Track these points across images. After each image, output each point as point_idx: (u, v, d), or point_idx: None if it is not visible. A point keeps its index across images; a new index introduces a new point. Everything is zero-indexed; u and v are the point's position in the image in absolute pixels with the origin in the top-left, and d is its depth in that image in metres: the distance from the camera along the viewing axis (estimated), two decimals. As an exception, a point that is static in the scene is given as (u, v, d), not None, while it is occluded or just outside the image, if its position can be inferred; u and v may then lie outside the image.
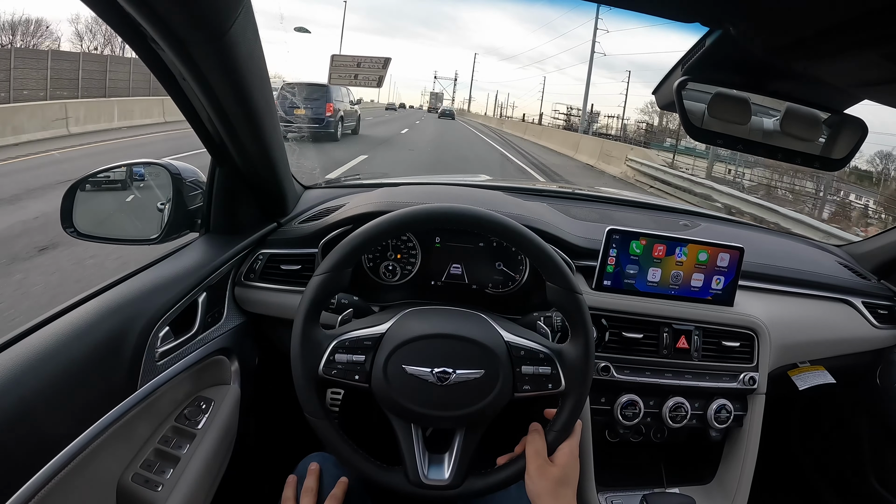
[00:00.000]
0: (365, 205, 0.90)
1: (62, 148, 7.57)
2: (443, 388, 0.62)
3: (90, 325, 0.64)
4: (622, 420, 0.88)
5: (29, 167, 6.14)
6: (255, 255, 0.90)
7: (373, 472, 0.64)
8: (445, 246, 0.91)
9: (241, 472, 0.85)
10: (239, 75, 0.60)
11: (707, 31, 0.67)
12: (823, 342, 1.06)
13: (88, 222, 0.86)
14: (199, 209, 0.88)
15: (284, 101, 8.29)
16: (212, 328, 0.82)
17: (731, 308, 0.93)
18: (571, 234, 0.95)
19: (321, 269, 0.63)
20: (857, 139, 0.76)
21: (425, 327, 0.65)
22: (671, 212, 1.25)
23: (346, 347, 0.63)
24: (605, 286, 0.89)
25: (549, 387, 0.64)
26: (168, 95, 0.66)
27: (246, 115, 0.68)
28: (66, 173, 5.24)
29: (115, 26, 0.54)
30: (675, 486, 0.95)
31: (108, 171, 0.88)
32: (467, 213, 0.65)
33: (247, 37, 0.57)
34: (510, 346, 0.65)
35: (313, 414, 0.63)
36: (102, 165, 0.87)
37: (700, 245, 0.90)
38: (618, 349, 0.88)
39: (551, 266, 0.65)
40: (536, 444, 0.64)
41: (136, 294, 0.70)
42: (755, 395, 0.93)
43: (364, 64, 1.56)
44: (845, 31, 0.54)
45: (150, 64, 0.60)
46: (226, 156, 0.78)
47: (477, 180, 1.29)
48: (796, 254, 1.18)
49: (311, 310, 0.63)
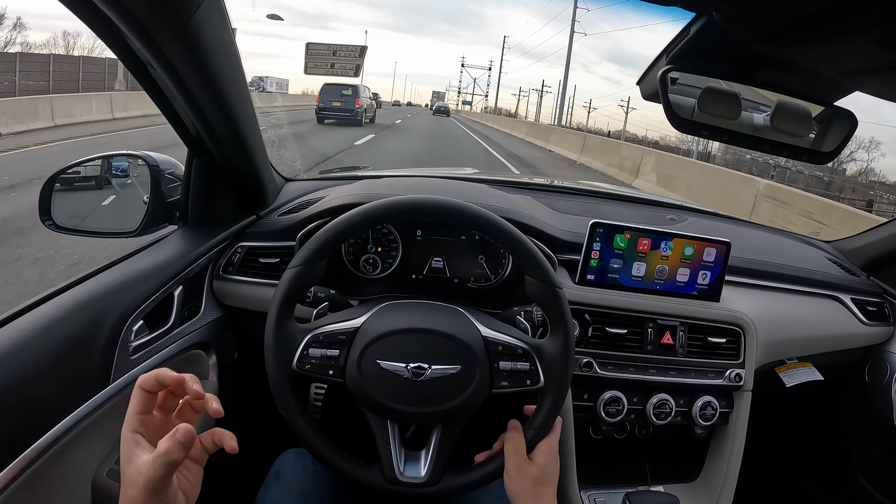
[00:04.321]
0: (343, 196, 0.89)
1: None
2: (418, 383, 0.60)
3: (61, 319, 0.62)
4: (605, 417, 0.87)
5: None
6: (233, 248, 0.89)
7: (348, 468, 0.63)
8: (427, 239, 0.90)
9: (218, 467, 0.85)
10: (207, 62, 0.59)
11: (692, 18, 0.65)
12: (811, 339, 1.05)
13: (66, 214, 0.85)
14: (177, 201, 0.86)
15: (325, 94, 12.41)
16: (189, 322, 0.81)
17: (718, 304, 0.92)
18: (555, 227, 0.94)
19: (294, 261, 0.62)
20: (846, 132, 0.75)
21: (401, 321, 0.63)
22: (658, 206, 1.24)
23: (319, 342, 0.62)
24: (588, 280, 0.88)
25: (527, 383, 0.63)
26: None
27: (218, 104, 0.67)
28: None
29: (79, 14, 0.52)
30: (659, 484, 0.94)
31: (86, 162, 0.87)
32: (444, 205, 0.64)
33: (213, 21, 0.56)
34: (487, 340, 0.64)
35: (287, 409, 0.62)
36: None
37: (686, 239, 0.88)
38: (601, 345, 0.87)
39: (530, 259, 0.64)
40: (515, 441, 0.63)
41: (110, 287, 0.69)
42: (741, 392, 0.92)
43: (340, 52, 1.54)
44: (834, 17, 0.52)
45: (120, 53, 0.58)
46: (202, 147, 0.77)
47: (461, 173, 1.27)
48: (785, 249, 1.16)
49: (284, 303, 0.62)
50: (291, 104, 20.90)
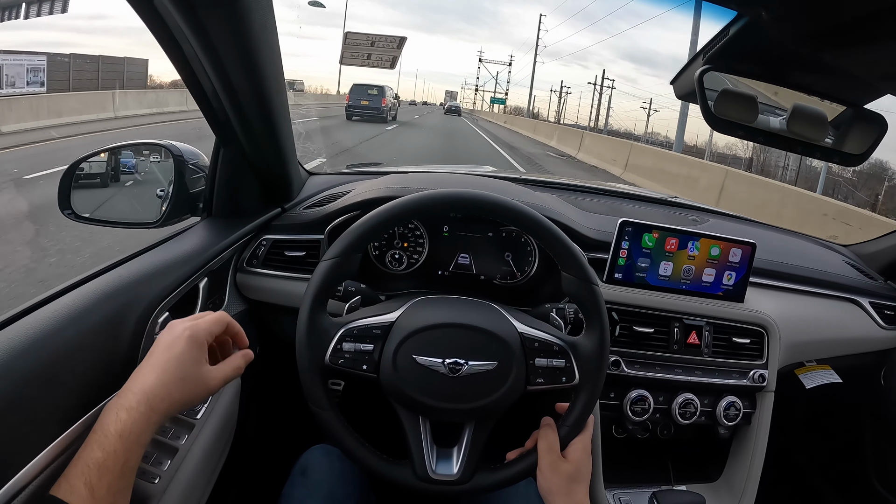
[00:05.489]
0: (373, 190, 0.88)
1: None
2: (454, 379, 0.60)
3: (87, 309, 0.61)
4: (631, 416, 0.86)
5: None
6: (258, 241, 0.87)
7: (378, 465, 0.62)
8: (453, 235, 0.89)
9: (240, 463, 0.83)
10: (250, 46, 0.58)
11: (732, 19, 0.65)
12: (831, 341, 1.06)
13: (86, 204, 0.84)
14: (200, 192, 0.85)
15: (354, 94, 13.90)
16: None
17: (742, 304, 0.92)
18: (582, 224, 0.93)
19: (329, 253, 0.61)
20: (876, 134, 0.76)
21: (437, 316, 0.63)
22: (680, 207, 1.24)
23: (354, 336, 0.61)
24: (616, 279, 0.88)
25: (562, 380, 0.63)
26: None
27: (255, 90, 0.66)
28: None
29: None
30: (682, 484, 0.94)
31: (108, 151, 0.86)
32: (483, 199, 0.63)
33: (261, 5, 0.55)
34: (524, 337, 0.63)
35: (318, 405, 0.60)
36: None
37: (712, 240, 0.88)
38: (628, 343, 0.87)
39: (568, 256, 0.63)
40: (549, 438, 0.63)
41: (136, 278, 0.68)
42: (764, 393, 0.92)
43: (378, 43, 1.54)
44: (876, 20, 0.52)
45: (156, 31, 0.57)
46: (231, 136, 0.76)
47: (482, 171, 1.27)
48: (805, 252, 1.17)
49: (318, 296, 0.60)
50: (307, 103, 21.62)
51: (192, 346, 0.51)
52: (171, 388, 0.49)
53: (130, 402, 0.48)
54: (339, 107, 16.65)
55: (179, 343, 0.51)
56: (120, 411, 0.48)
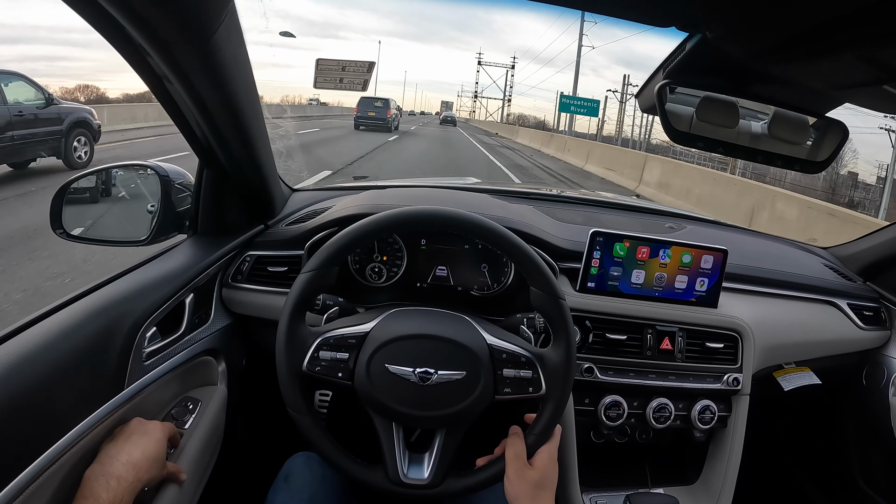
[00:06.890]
0: (351, 207, 0.91)
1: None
2: (424, 387, 0.62)
3: (77, 326, 0.64)
4: (606, 421, 0.88)
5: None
6: (242, 257, 0.91)
7: (353, 469, 0.65)
8: (431, 248, 0.92)
9: (228, 471, 0.86)
10: (224, 78, 0.61)
11: (686, 35, 0.67)
12: (809, 343, 1.07)
13: (77, 224, 0.87)
14: (187, 211, 0.89)
15: (362, 106, 15.14)
16: (199, 329, 0.83)
17: (716, 310, 0.94)
18: (556, 236, 0.96)
19: (308, 266, 0.65)
20: (838, 141, 0.77)
21: (409, 327, 0.65)
22: (657, 214, 1.26)
23: (330, 345, 0.64)
24: (588, 288, 0.90)
25: (529, 390, 0.65)
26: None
27: (232, 118, 0.69)
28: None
29: (100, 30, 0.54)
30: (659, 487, 0.96)
31: (96, 173, 0.89)
32: (450, 216, 0.66)
33: (231, 40, 0.58)
34: (492, 348, 0.65)
35: (296, 409, 0.63)
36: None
37: (684, 247, 0.90)
38: (602, 350, 0.89)
39: (534, 270, 0.66)
40: (516, 446, 0.65)
41: (124, 295, 0.71)
42: (739, 396, 0.93)
43: (349, 68, 1.58)
44: (820, 35, 0.54)
45: (137, 67, 0.60)
46: (213, 158, 0.79)
47: (464, 183, 1.30)
48: (781, 255, 1.18)
49: (296, 307, 0.64)
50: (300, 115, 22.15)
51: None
52: (151, 463, 0.59)
53: (120, 472, 0.55)
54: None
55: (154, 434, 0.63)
56: (110, 479, 0.54)
